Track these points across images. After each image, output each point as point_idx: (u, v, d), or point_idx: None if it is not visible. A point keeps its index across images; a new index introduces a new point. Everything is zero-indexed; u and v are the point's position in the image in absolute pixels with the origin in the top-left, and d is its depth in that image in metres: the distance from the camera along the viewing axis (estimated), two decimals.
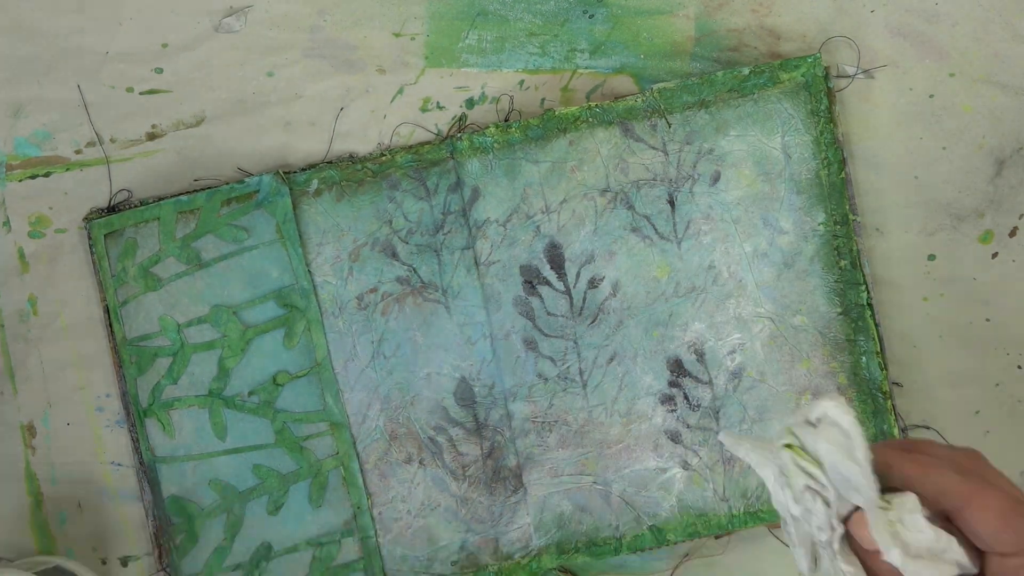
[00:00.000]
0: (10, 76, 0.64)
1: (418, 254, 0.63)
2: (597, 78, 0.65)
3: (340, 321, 0.64)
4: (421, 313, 0.64)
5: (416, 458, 0.64)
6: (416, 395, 0.64)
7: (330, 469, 0.64)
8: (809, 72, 0.62)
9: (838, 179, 0.62)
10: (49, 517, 0.65)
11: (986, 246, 0.65)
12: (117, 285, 0.63)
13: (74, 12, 0.64)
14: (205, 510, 0.64)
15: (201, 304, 0.63)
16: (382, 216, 0.63)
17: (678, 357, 0.63)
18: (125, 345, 0.63)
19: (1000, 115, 0.64)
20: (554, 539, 0.64)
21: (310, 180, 0.63)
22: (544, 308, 0.63)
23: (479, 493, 0.64)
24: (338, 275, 0.64)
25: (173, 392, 0.63)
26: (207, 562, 0.63)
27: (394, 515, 0.64)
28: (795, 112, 0.62)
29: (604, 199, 0.63)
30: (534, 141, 0.63)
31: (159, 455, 0.64)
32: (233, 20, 0.63)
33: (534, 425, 0.63)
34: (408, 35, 0.64)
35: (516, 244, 0.63)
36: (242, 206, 0.63)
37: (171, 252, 0.63)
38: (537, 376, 0.63)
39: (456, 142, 0.63)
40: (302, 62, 0.65)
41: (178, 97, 0.65)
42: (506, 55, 0.64)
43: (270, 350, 0.63)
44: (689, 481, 0.63)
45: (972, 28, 0.64)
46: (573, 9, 0.64)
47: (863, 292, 0.62)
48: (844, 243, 0.62)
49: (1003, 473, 0.40)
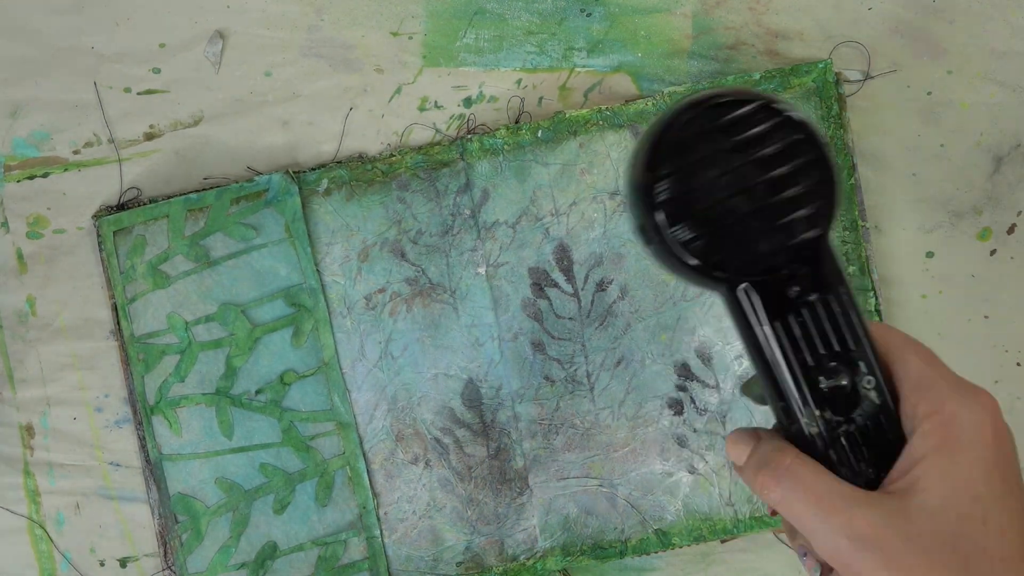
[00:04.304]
0: (8, 77, 0.64)
1: (427, 255, 0.63)
2: (595, 76, 0.65)
3: (348, 321, 0.64)
4: (429, 314, 0.64)
5: (422, 459, 0.64)
6: (423, 396, 0.64)
7: (336, 469, 0.63)
8: (820, 78, 0.62)
9: (847, 185, 0.62)
10: (47, 518, 0.65)
11: (984, 243, 0.65)
12: (125, 282, 0.63)
13: (72, 13, 0.64)
14: (211, 508, 0.63)
15: (209, 302, 0.63)
16: (392, 216, 0.63)
17: (685, 361, 0.63)
18: (133, 342, 0.63)
19: (998, 112, 0.64)
20: (559, 541, 0.64)
21: (320, 179, 0.63)
22: (552, 310, 0.63)
23: (485, 494, 0.64)
24: (347, 275, 0.64)
25: (180, 390, 0.63)
26: (212, 560, 0.63)
27: (400, 515, 0.64)
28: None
29: (614, 202, 0.63)
30: (544, 143, 0.63)
31: (165, 453, 0.63)
32: (213, 48, 0.63)
33: (541, 427, 0.63)
34: (406, 34, 0.64)
35: (525, 246, 0.63)
36: (251, 205, 0.63)
37: (180, 250, 0.63)
38: (544, 378, 0.63)
39: (466, 143, 0.63)
40: (300, 62, 0.64)
41: (176, 97, 0.65)
42: (504, 54, 0.64)
43: (278, 349, 0.63)
44: (695, 485, 0.63)
45: (970, 25, 0.64)
46: (571, 7, 0.64)
47: (871, 298, 0.62)
48: (853, 249, 0.62)
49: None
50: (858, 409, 0.39)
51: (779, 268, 0.38)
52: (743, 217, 0.38)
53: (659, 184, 0.38)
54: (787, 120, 0.38)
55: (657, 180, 0.38)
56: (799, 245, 0.38)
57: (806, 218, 0.38)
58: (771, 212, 0.38)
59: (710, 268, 0.38)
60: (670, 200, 0.38)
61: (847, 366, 0.39)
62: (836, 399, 0.38)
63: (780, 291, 0.39)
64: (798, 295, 0.39)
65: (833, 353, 0.39)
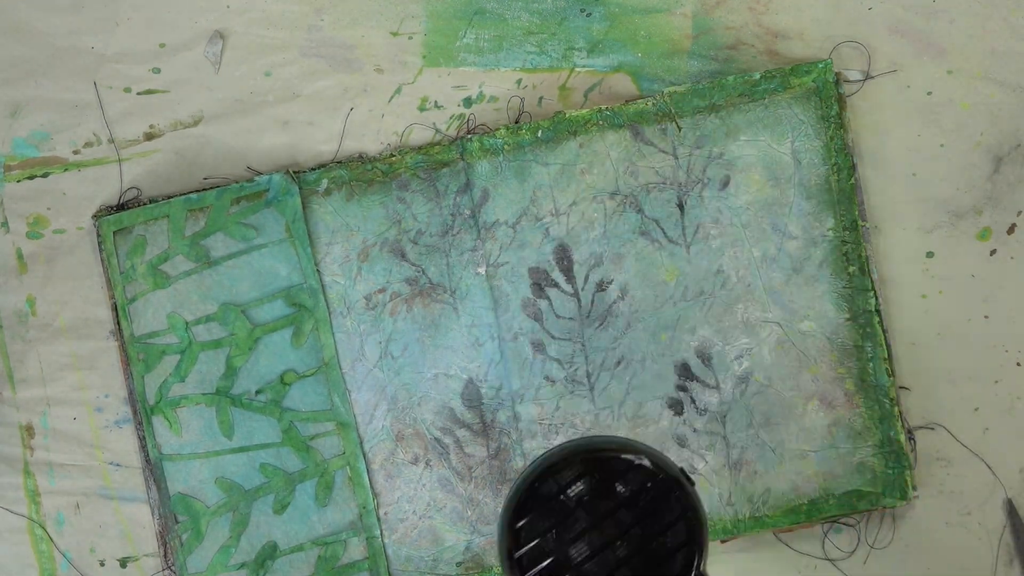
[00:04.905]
0: (8, 77, 0.64)
1: (427, 255, 0.63)
2: (595, 76, 0.65)
3: (348, 321, 0.64)
4: (429, 314, 0.64)
5: (422, 459, 0.64)
6: (423, 396, 0.64)
7: (336, 469, 0.64)
8: (820, 78, 0.62)
9: (848, 185, 0.62)
10: (47, 518, 0.65)
11: (984, 243, 0.65)
12: (126, 282, 0.63)
13: (71, 13, 0.64)
14: (211, 508, 0.63)
15: (209, 302, 0.63)
16: (392, 216, 0.63)
17: (685, 361, 0.63)
18: (133, 342, 0.63)
19: (998, 112, 0.64)
20: None
21: (320, 180, 0.63)
22: (552, 310, 0.63)
23: (485, 494, 0.64)
24: (347, 275, 0.64)
25: (180, 390, 0.63)
26: (212, 560, 0.63)
27: (400, 515, 0.64)
28: (805, 117, 0.63)
29: (613, 202, 0.63)
30: (544, 143, 0.63)
31: (165, 453, 0.63)
32: (213, 48, 0.63)
33: (541, 427, 0.63)
34: (406, 34, 0.64)
35: (525, 246, 0.63)
36: (252, 205, 0.63)
37: (180, 250, 0.63)
38: (544, 378, 0.63)
39: (466, 143, 0.63)
40: (300, 62, 0.64)
41: (176, 97, 0.65)
42: (504, 54, 0.65)
43: (278, 349, 0.63)
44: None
45: (970, 25, 0.64)
46: (571, 8, 0.64)
47: (871, 298, 0.62)
48: (853, 249, 0.62)
49: None
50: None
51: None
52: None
53: (521, 551, 0.39)
54: (639, 468, 0.40)
55: (519, 547, 0.40)
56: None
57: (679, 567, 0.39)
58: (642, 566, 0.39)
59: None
60: (532, 555, 0.39)
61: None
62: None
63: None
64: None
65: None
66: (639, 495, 0.40)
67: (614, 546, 0.39)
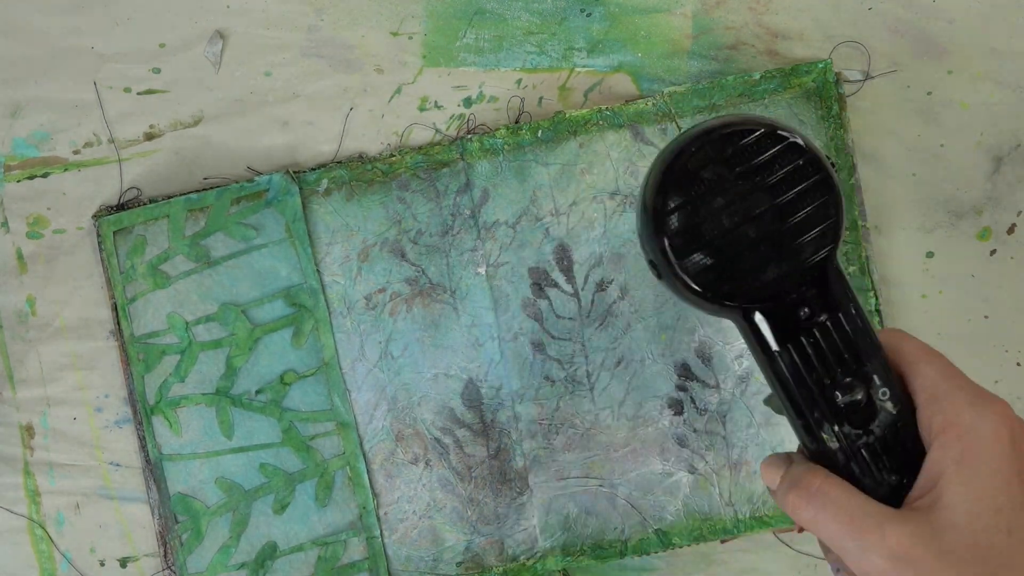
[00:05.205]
0: (8, 77, 0.64)
1: (427, 255, 0.63)
2: (595, 76, 0.65)
3: (348, 321, 0.64)
4: (429, 314, 0.64)
5: (422, 459, 0.64)
6: (423, 396, 0.64)
7: (336, 469, 0.64)
8: (820, 78, 0.62)
9: (848, 185, 0.62)
10: (47, 518, 0.65)
11: (984, 243, 0.65)
12: (126, 282, 0.63)
13: (71, 12, 0.64)
14: (211, 508, 0.63)
15: (209, 302, 0.63)
16: (392, 216, 0.63)
17: (685, 361, 0.63)
18: (133, 342, 0.63)
19: (998, 112, 0.64)
20: (559, 541, 0.64)
21: (320, 179, 0.63)
22: (552, 310, 0.63)
23: (485, 494, 0.64)
24: (347, 275, 0.64)
25: (180, 390, 0.63)
26: (212, 560, 0.63)
27: (400, 515, 0.64)
28: (805, 117, 0.63)
29: (614, 202, 0.63)
30: (544, 143, 0.63)
31: (165, 453, 0.63)
32: (213, 48, 0.63)
33: (541, 427, 0.63)
34: (406, 34, 0.64)
35: (525, 246, 0.63)
36: (252, 205, 0.63)
37: (180, 250, 0.63)
38: (544, 378, 0.63)
39: (466, 143, 0.63)
40: (300, 62, 0.64)
41: (176, 97, 0.65)
42: (504, 54, 0.64)
43: (278, 349, 0.63)
44: (695, 485, 0.63)
45: (970, 25, 0.64)
46: (571, 7, 0.64)
47: (871, 298, 0.62)
48: (853, 249, 0.62)
49: None
50: (875, 421, 0.39)
51: (789, 292, 0.39)
52: (752, 245, 0.39)
53: (669, 217, 0.39)
54: (792, 145, 0.40)
55: (667, 213, 0.39)
56: (808, 268, 0.39)
57: (813, 241, 0.39)
58: (780, 238, 0.39)
59: (721, 297, 0.39)
60: (679, 231, 0.39)
61: (861, 380, 0.39)
62: (853, 413, 0.39)
63: (791, 314, 0.40)
64: (808, 316, 0.40)
65: (847, 368, 0.39)
66: (793, 172, 0.39)
67: (759, 216, 0.39)
